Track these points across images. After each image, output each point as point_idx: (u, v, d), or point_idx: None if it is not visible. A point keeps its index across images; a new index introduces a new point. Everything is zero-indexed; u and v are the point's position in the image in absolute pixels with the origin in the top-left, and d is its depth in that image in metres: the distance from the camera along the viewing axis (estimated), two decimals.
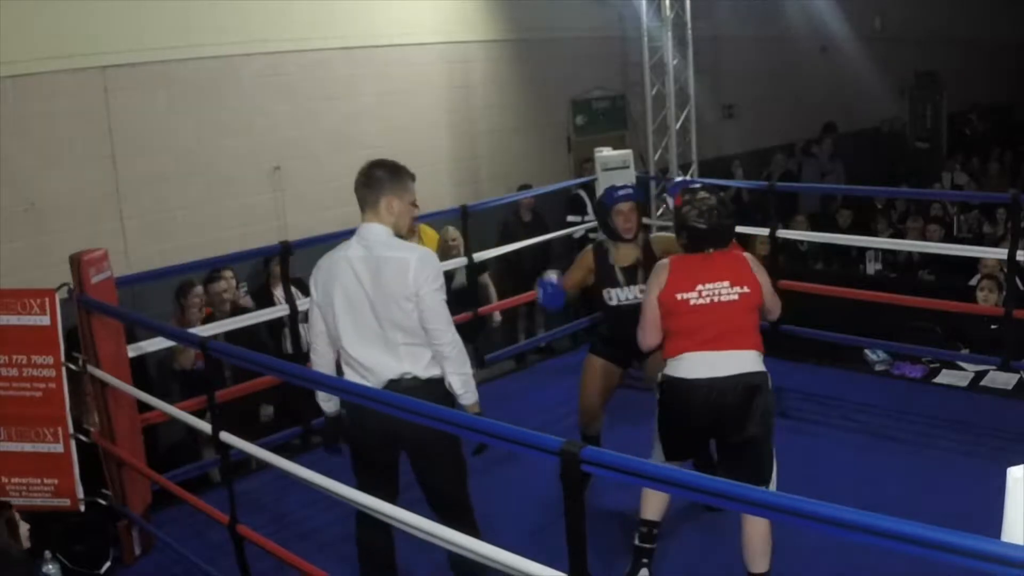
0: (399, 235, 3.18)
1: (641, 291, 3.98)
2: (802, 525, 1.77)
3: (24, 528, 3.32)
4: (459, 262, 5.97)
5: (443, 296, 3.11)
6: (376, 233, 3.15)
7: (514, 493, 4.31)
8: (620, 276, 4.27)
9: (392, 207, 3.18)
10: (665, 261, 3.43)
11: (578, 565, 2.09)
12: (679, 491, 2.06)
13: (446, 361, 3.11)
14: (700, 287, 3.29)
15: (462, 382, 3.14)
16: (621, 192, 4.33)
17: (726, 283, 3.29)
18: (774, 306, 3.55)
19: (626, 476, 2.07)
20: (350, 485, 2.85)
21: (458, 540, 2.40)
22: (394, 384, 3.06)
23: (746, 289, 3.31)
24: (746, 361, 3.28)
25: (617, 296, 4.28)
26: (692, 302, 3.28)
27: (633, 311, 3.70)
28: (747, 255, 3.45)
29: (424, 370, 3.10)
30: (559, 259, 8.37)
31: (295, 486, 3.84)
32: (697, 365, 3.25)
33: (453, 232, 6.68)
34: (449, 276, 5.05)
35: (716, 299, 3.28)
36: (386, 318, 3.05)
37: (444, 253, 6.51)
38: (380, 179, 3.23)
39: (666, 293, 3.32)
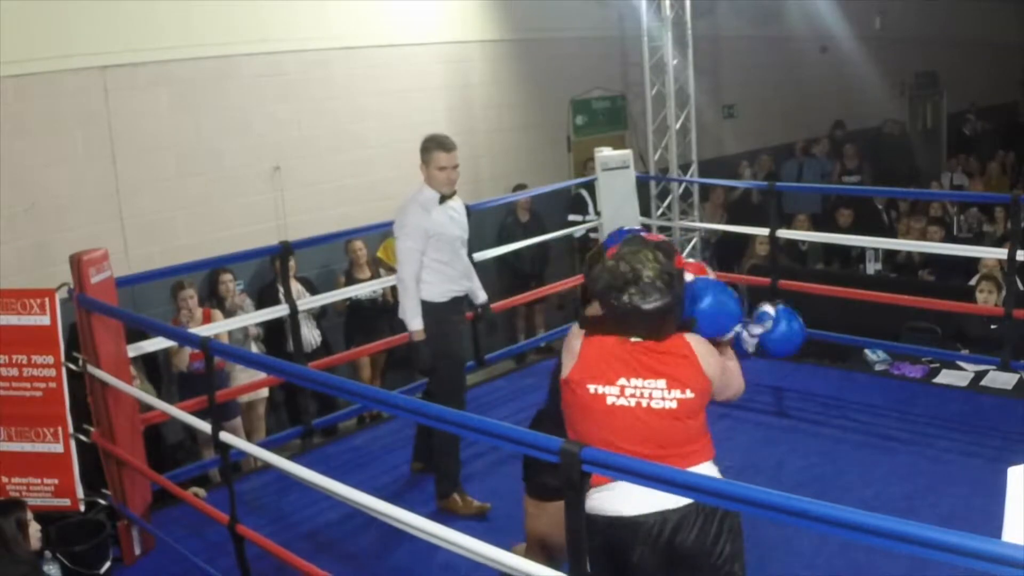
0: (442, 192, 4.27)
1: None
2: (802, 525, 1.77)
3: (35, 528, 3.35)
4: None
5: (405, 244, 4.13)
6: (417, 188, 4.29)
7: (514, 493, 4.30)
8: None
9: (422, 172, 4.34)
10: (578, 331, 2.46)
11: (578, 565, 2.09)
12: (679, 491, 2.05)
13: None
14: (623, 382, 2.34)
15: (400, 310, 4.18)
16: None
17: (661, 383, 2.33)
18: (730, 384, 2.57)
19: (628, 476, 2.07)
20: (350, 485, 2.84)
21: (457, 540, 2.40)
22: None
23: (689, 394, 2.35)
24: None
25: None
26: (610, 400, 2.33)
27: None
28: (691, 338, 2.43)
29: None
30: (558, 260, 8.40)
31: (295, 486, 3.86)
32: (634, 494, 2.26)
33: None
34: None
35: (645, 403, 2.33)
36: None
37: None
38: (420, 150, 4.33)
39: (576, 373, 2.39)
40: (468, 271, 4.49)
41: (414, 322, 4.15)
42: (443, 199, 4.29)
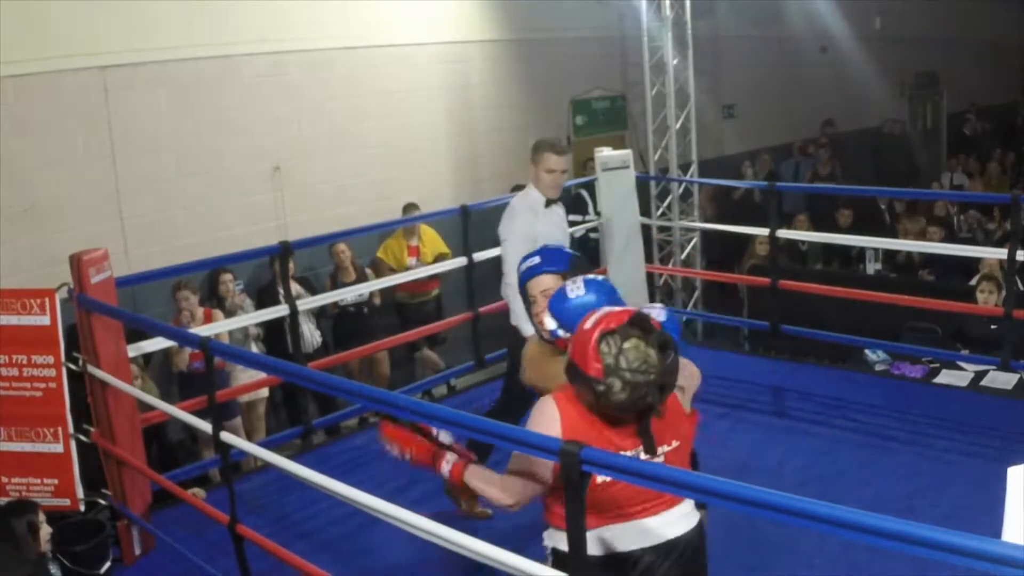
0: (547, 196, 4.27)
1: None
2: (803, 525, 1.77)
3: (46, 531, 3.37)
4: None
5: (514, 247, 4.01)
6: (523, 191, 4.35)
7: None
8: None
9: (530, 172, 4.34)
10: (554, 410, 2.27)
11: (578, 564, 2.09)
12: (679, 491, 2.05)
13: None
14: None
15: (513, 316, 4.03)
16: (524, 265, 2.90)
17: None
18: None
19: (627, 476, 2.07)
20: (350, 485, 2.84)
21: (458, 540, 2.40)
22: None
23: (675, 443, 2.34)
24: (690, 514, 2.42)
25: None
26: (599, 478, 2.22)
27: None
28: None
29: None
30: None
31: (295, 486, 3.85)
32: (631, 535, 2.33)
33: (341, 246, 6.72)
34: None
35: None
36: None
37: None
38: (531, 150, 4.30)
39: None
40: None
41: (529, 326, 4.09)
42: (548, 203, 4.27)
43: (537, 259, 2.85)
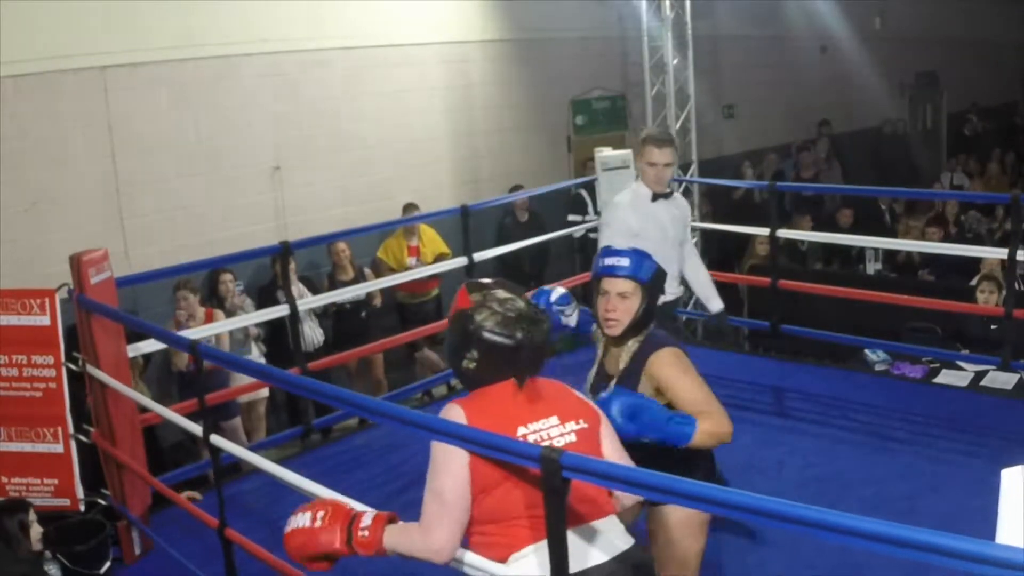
0: (652, 190, 4.19)
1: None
2: (800, 531, 1.76)
3: (36, 531, 3.38)
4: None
5: (605, 234, 4.10)
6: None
7: None
8: (594, 383, 2.91)
9: (635, 166, 4.38)
10: (455, 407, 2.19)
11: (560, 567, 2.06)
12: (665, 497, 2.03)
13: None
14: (523, 430, 2.14)
15: None
16: (609, 260, 2.83)
17: (553, 419, 2.18)
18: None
19: (606, 481, 2.04)
20: (341, 490, 2.81)
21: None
22: None
23: (583, 424, 2.22)
24: (621, 531, 2.21)
25: None
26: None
27: None
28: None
29: None
30: (558, 260, 8.40)
31: (291, 488, 3.84)
32: (588, 542, 2.14)
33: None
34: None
35: (548, 444, 2.12)
36: None
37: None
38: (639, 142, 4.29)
39: (477, 456, 2.11)
40: (680, 275, 4.30)
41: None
42: (656, 197, 4.16)
43: (628, 259, 2.82)
